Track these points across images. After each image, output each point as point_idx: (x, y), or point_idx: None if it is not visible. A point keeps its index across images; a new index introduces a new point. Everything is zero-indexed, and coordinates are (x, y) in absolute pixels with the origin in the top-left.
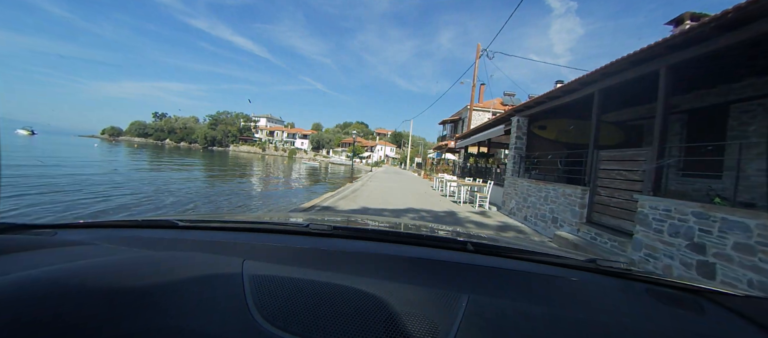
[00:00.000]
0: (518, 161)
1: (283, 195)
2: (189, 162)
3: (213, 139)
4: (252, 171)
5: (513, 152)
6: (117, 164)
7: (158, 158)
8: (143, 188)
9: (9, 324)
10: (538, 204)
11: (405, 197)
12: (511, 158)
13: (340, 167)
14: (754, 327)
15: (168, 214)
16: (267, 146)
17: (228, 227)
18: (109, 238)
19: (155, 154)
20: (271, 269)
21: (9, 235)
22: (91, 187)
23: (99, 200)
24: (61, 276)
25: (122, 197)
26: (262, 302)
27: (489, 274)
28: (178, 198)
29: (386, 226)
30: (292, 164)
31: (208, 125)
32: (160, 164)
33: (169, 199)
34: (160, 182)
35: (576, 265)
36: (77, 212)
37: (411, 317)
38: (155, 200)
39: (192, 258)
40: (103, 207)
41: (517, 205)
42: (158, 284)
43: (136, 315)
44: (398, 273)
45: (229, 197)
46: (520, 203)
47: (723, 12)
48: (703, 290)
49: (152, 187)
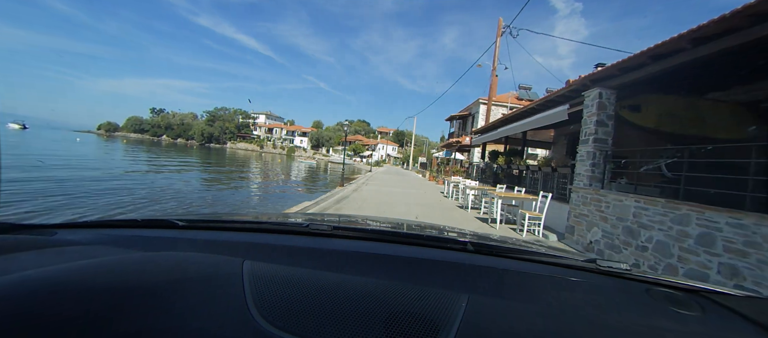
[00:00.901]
0: (601, 163)
1: (250, 204)
2: (170, 159)
3: (210, 136)
4: (236, 170)
5: (590, 148)
6: (93, 162)
7: (135, 154)
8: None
9: (9, 324)
10: (669, 245)
11: (410, 209)
12: (588, 158)
13: (341, 166)
14: (755, 327)
15: (168, 214)
16: (265, 144)
17: (228, 227)
18: (109, 238)
19: (136, 151)
20: (271, 269)
21: (9, 235)
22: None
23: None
24: (61, 276)
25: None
26: (262, 302)
27: (489, 274)
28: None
29: (386, 226)
30: (290, 162)
31: (205, 122)
32: (130, 160)
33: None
34: (87, 186)
35: (576, 265)
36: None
37: (411, 317)
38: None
39: (192, 258)
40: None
41: (606, 237)
42: (158, 284)
43: (136, 315)
44: (398, 273)
45: (181, 202)
46: (614, 235)
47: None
48: (702, 290)
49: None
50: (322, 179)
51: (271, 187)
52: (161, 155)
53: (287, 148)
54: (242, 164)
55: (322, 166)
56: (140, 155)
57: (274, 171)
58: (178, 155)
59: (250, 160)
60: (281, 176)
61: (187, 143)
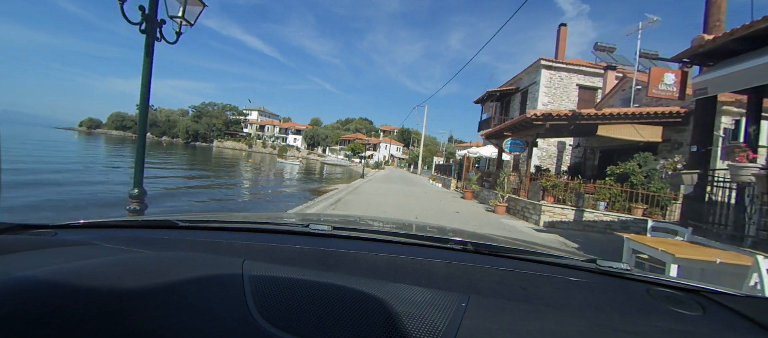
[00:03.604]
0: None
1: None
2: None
3: (195, 133)
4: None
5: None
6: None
7: (88, 152)
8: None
9: (9, 324)
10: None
11: None
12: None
13: (337, 168)
14: (755, 327)
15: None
16: (254, 143)
17: (228, 228)
18: (109, 238)
19: (94, 149)
20: (272, 269)
21: (9, 235)
22: None
23: None
24: (61, 276)
25: None
26: (262, 302)
27: (489, 274)
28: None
29: (386, 226)
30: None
31: (191, 118)
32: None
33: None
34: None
35: (576, 265)
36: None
37: (411, 317)
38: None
39: (192, 259)
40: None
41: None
42: (158, 284)
43: (136, 316)
44: (398, 273)
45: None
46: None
47: None
48: (703, 290)
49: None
50: (266, 194)
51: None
52: (115, 154)
53: (278, 147)
54: (204, 166)
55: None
56: (94, 151)
57: (230, 175)
58: (152, 157)
59: (222, 160)
60: (226, 184)
61: (172, 141)
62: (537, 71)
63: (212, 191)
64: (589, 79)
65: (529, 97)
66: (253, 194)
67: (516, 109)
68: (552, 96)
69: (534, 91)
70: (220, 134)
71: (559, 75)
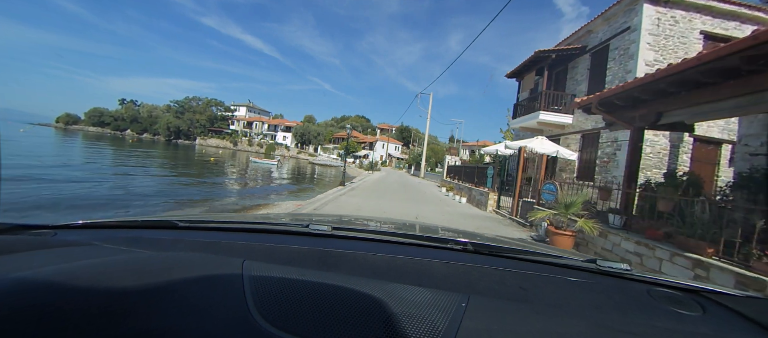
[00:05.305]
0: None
1: None
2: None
3: (177, 130)
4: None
5: None
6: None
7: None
8: None
9: (9, 324)
10: None
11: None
12: None
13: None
14: (755, 327)
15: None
16: (240, 140)
17: (228, 228)
18: (109, 238)
19: (59, 149)
20: (272, 269)
21: (9, 235)
22: None
23: None
24: (61, 276)
25: None
26: (262, 302)
27: (489, 274)
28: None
29: (386, 226)
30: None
31: (172, 114)
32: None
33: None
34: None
35: (576, 265)
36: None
37: (411, 317)
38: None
39: (192, 259)
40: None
41: None
42: (158, 284)
43: (136, 316)
44: (398, 273)
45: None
46: None
47: None
48: (703, 290)
49: None
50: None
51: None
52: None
53: (266, 145)
54: (163, 164)
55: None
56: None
57: (183, 173)
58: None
59: (192, 160)
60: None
61: (154, 139)
62: (632, 10)
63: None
64: (722, 23)
65: (612, 56)
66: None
67: (578, 80)
68: (662, 50)
69: (623, 45)
70: (203, 131)
71: (672, 16)
